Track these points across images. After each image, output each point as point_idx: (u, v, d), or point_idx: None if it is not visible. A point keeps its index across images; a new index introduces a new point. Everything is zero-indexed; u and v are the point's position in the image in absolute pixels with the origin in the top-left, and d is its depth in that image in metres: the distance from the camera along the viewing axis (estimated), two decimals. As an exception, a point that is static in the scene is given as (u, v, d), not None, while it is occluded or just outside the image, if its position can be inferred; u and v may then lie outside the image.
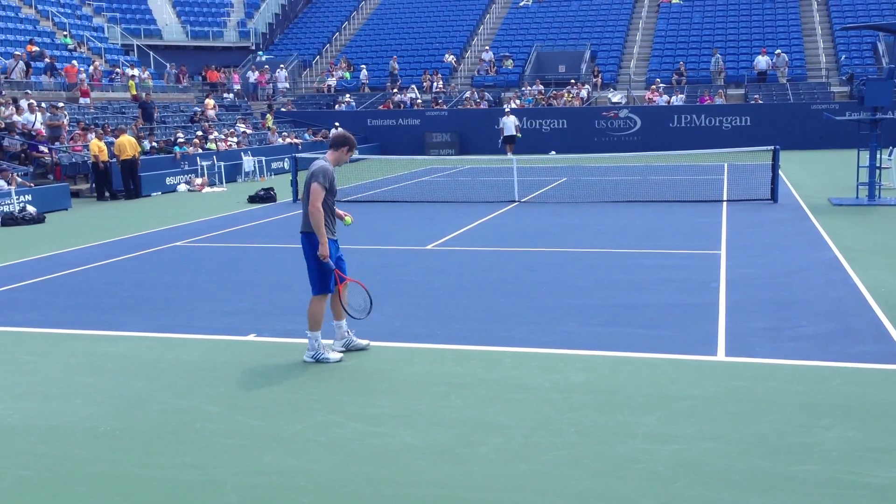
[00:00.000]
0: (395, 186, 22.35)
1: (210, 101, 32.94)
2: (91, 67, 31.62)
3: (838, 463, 4.89)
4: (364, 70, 39.88)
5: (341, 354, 7.10)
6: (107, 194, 21.48)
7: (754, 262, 10.93)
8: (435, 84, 38.40)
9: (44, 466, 5.14)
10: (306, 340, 7.11)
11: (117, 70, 32.85)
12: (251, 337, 7.94)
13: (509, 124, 30.62)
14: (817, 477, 4.73)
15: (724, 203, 17.12)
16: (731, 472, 4.82)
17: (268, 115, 33.68)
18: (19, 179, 18.74)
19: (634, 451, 5.11)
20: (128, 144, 21.36)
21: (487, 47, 41.05)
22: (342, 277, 7.13)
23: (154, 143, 25.46)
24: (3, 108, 23.23)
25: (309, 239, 6.99)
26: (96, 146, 21.05)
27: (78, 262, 12.21)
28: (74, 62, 29.98)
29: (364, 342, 7.42)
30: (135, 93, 31.03)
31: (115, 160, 21.45)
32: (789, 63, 36.13)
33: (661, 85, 35.46)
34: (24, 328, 8.52)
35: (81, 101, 28.28)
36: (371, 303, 7.27)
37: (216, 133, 28.59)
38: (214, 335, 8.03)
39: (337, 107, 37.32)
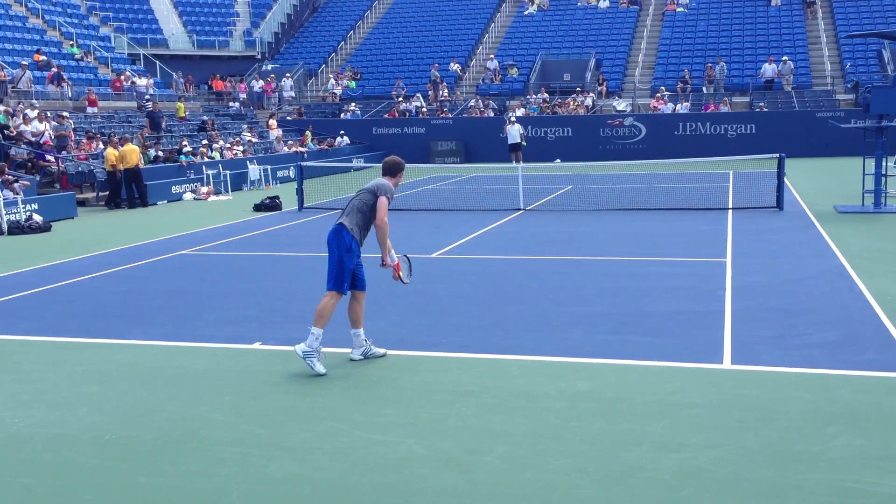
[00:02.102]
0: (400, 195, 22.35)
1: (273, 122, 33.21)
2: (122, 77, 32.08)
3: (845, 471, 4.88)
4: (331, 80, 40.31)
5: (325, 371, 6.94)
6: (113, 203, 21.54)
7: (760, 269, 10.91)
8: (440, 92, 38.47)
9: (50, 475, 5.14)
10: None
11: (132, 80, 33.05)
12: (257, 345, 7.95)
13: (514, 133, 30.67)
14: (824, 485, 4.71)
15: (730, 211, 17.10)
16: (737, 480, 4.80)
17: (307, 132, 33.94)
18: (17, 186, 18.73)
19: (640, 460, 5.10)
20: (132, 153, 21.42)
21: (492, 55, 41.13)
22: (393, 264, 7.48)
23: (160, 152, 25.54)
24: (14, 118, 23.33)
25: (339, 234, 7.11)
26: (112, 154, 21.09)
27: (84, 270, 12.24)
28: (56, 68, 30.07)
29: (381, 350, 7.44)
30: (182, 115, 31.47)
31: (113, 169, 21.43)
32: (794, 71, 36.13)
33: (665, 93, 35.48)
34: (30, 336, 8.55)
35: (89, 110, 28.42)
36: (410, 267, 7.74)
37: (221, 142, 28.68)
38: (220, 343, 8.04)
39: (342, 115, 37.42)
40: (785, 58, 36.30)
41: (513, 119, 31.89)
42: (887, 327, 7.93)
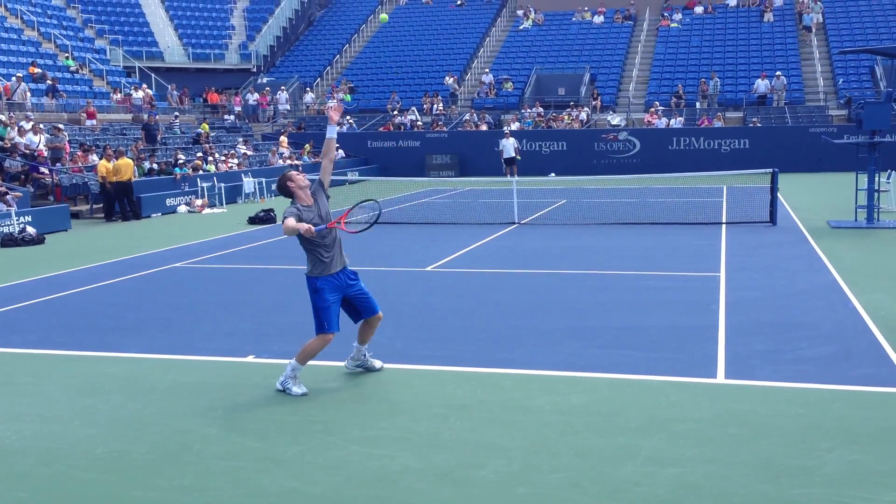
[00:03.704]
0: (396, 208, 22.39)
1: (284, 139, 33.40)
2: (141, 92, 32.32)
3: (840, 486, 4.87)
4: (309, 94, 40.76)
5: (305, 390, 6.75)
6: (113, 216, 21.52)
7: (754, 284, 10.93)
8: (435, 106, 38.58)
9: (42, 489, 5.11)
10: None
11: (131, 92, 33.22)
12: (250, 358, 7.92)
13: (509, 146, 30.75)
14: (819, 500, 4.71)
15: (724, 225, 17.14)
16: (732, 495, 4.80)
17: (306, 146, 34.24)
18: (9, 198, 18.69)
19: (635, 474, 5.10)
20: (126, 168, 21.42)
21: (487, 70, 41.28)
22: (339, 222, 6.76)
23: (154, 165, 25.53)
24: (9, 130, 23.32)
25: (309, 281, 6.81)
26: (104, 167, 21.10)
27: (77, 283, 12.21)
28: (51, 80, 30.15)
29: (378, 364, 7.38)
30: (206, 131, 31.64)
31: (105, 181, 21.37)
32: (787, 87, 36.33)
33: (659, 107, 35.63)
34: (23, 349, 8.51)
35: (88, 122, 28.43)
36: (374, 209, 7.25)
37: (216, 154, 28.70)
38: (213, 356, 8.01)
39: (338, 128, 37.41)
40: (778, 73, 36.50)
41: (507, 133, 31.99)
42: (881, 342, 7.95)
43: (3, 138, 22.97)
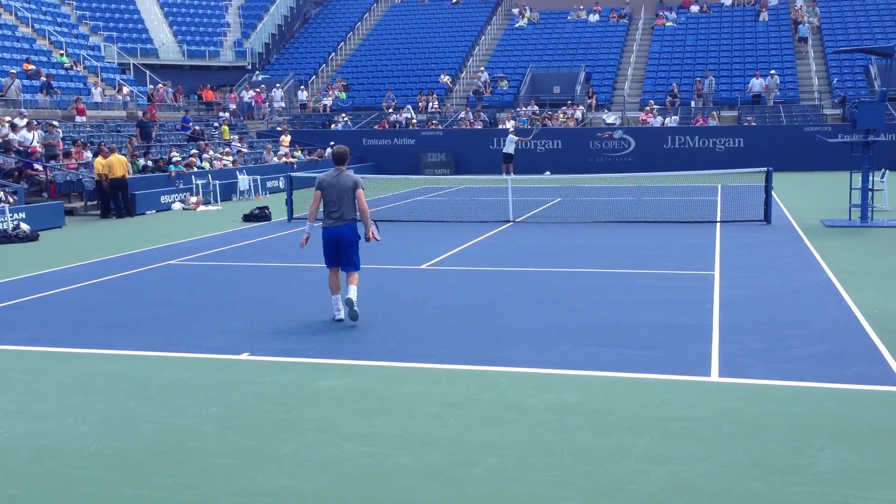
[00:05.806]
0: (390, 206, 22.38)
1: (285, 138, 33.50)
2: (155, 89, 32.48)
3: (833, 485, 4.89)
4: (303, 93, 40.69)
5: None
6: (112, 213, 21.47)
7: (748, 283, 10.96)
8: (430, 104, 38.55)
9: (34, 486, 5.11)
10: (300, 359, 7.20)
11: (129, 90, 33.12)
12: (244, 356, 7.92)
13: (511, 143, 30.70)
14: (812, 499, 4.72)
15: (718, 224, 17.17)
16: (725, 493, 4.81)
17: (282, 136, 34.36)
18: (1, 195, 18.63)
19: (628, 472, 5.11)
20: (118, 164, 21.37)
21: (483, 68, 41.26)
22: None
23: (149, 162, 25.48)
24: (3, 126, 23.24)
25: (354, 229, 9.15)
26: (100, 164, 21.06)
27: (71, 280, 12.18)
28: (45, 77, 30.06)
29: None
30: (227, 137, 31.61)
31: (100, 178, 21.31)
32: (780, 86, 36.38)
33: (655, 106, 35.65)
34: (16, 346, 8.49)
35: (77, 119, 28.34)
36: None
37: (211, 152, 28.65)
38: (207, 354, 8.00)
39: (333, 126, 37.44)
40: (772, 72, 36.55)
41: (511, 129, 31.94)
42: (874, 341, 7.97)
43: (-3, 135, 22.91)
